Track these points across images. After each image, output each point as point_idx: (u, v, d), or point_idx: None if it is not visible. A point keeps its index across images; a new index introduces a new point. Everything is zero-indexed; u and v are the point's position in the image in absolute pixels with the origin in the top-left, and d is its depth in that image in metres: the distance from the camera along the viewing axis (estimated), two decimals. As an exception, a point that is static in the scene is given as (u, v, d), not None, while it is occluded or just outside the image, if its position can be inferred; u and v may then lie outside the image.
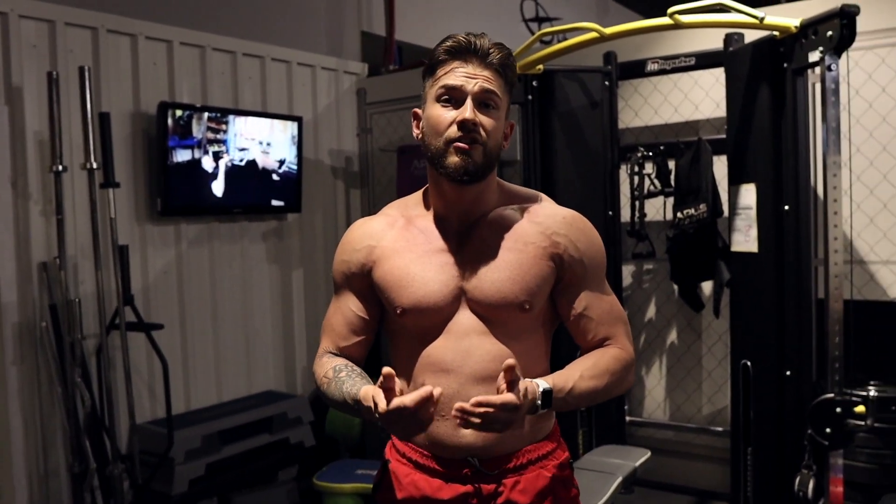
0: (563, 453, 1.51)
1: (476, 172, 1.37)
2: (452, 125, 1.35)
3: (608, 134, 3.34)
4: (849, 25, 2.39)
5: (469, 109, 1.35)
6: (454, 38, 1.38)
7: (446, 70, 1.37)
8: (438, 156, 1.37)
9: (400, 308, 1.43)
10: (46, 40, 3.11)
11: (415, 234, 1.46)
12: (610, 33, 2.92)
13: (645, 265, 3.61)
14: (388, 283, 1.44)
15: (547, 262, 1.43)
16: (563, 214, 1.48)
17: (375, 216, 1.54)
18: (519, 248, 1.42)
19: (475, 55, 1.37)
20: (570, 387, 1.34)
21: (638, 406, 3.67)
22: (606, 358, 1.43)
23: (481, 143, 1.36)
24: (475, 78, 1.36)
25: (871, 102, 2.99)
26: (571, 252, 1.44)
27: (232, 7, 3.87)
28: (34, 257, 3.05)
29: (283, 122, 3.89)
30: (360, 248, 1.49)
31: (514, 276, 1.41)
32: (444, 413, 1.40)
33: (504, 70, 1.39)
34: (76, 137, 3.10)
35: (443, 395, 1.37)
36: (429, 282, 1.42)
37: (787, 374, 2.69)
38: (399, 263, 1.44)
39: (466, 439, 1.40)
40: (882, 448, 2.67)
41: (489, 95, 1.37)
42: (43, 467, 3.08)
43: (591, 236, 1.49)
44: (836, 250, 2.45)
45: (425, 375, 1.42)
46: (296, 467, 3.72)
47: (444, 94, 1.37)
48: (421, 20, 4.94)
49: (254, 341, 3.93)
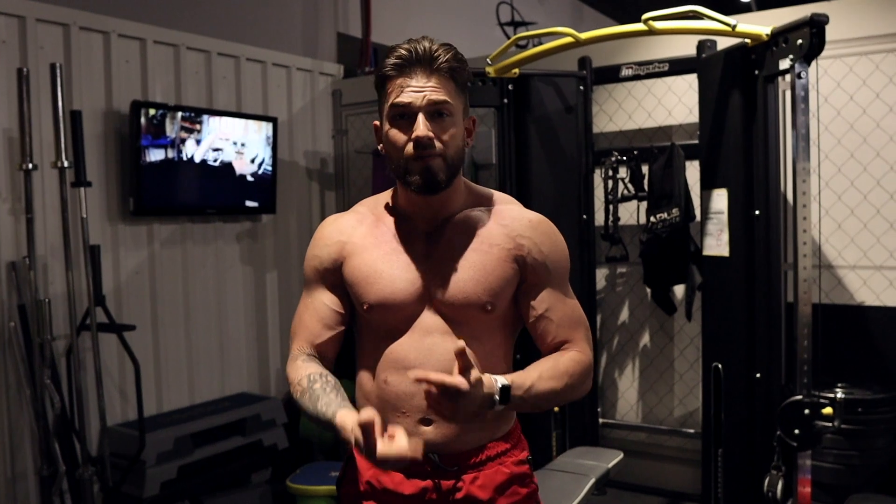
0: (522, 451, 1.54)
1: (440, 183, 1.39)
2: (408, 143, 1.38)
3: (583, 138, 3.37)
4: (818, 34, 2.44)
5: (421, 126, 1.36)
6: (397, 52, 1.39)
7: (394, 87, 1.39)
8: (401, 171, 1.40)
9: (366, 304, 1.45)
10: (17, 36, 3.06)
11: (383, 232, 1.49)
12: (585, 38, 2.95)
13: (618, 268, 3.64)
14: (356, 279, 1.46)
15: (511, 264, 1.45)
16: (529, 217, 1.50)
17: (346, 213, 1.57)
18: (484, 250, 1.44)
19: (419, 65, 1.38)
20: (528, 385, 1.35)
21: (611, 408, 3.70)
22: (566, 360, 1.44)
23: (440, 155, 1.38)
24: (422, 91, 1.37)
25: (840, 110, 3.06)
26: (535, 255, 1.46)
27: (207, 6, 3.84)
28: (3, 257, 3.00)
29: (257, 122, 3.87)
30: (332, 243, 1.51)
31: (478, 277, 1.43)
32: (404, 410, 1.43)
33: (452, 73, 1.39)
34: (47, 135, 3.05)
35: (405, 392, 1.41)
36: (395, 280, 1.44)
37: (756, 376, 2.73)
38: (367, 259, 1.46)
39: (426, 436, 1.42)
40: (849, 449, 2.72)
41: (440, 105, 1.38)
42: (10, 470, 3.03)
43: (555, 240, 1.51)
44: (805, 255, 2.49)
45: (388, 372, 1.44)
46: (269, 470, 3.70)
47: (395, 114, 1.39)
48: (397, 22, 4.95)
49: (227, 343, 3.90)
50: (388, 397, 1.44)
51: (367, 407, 1.27)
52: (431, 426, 1.42)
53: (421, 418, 1.43)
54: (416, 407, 1.42)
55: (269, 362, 4.13)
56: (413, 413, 1.42)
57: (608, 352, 3.70)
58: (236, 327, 3.96)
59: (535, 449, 3.49)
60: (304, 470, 3.48)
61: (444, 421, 1.39)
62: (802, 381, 2.45)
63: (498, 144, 3.39)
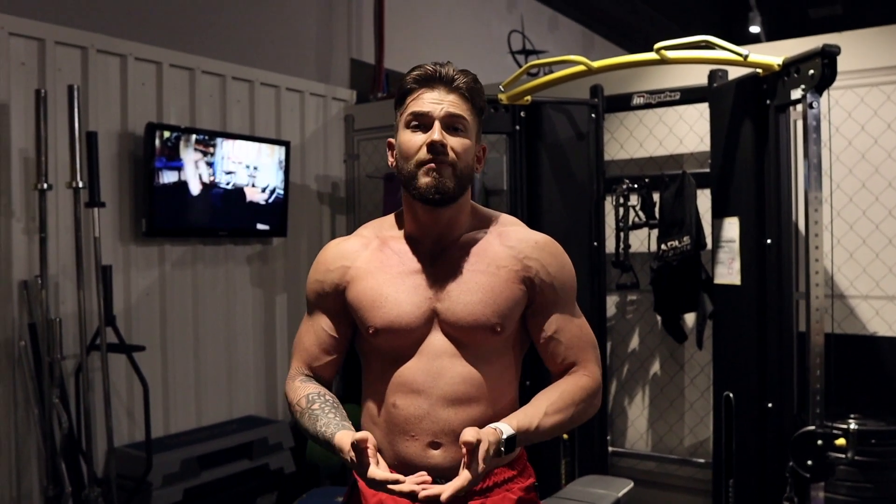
0: (529, 477, 1.53)
1: (447, 192, 1.40)
2: (422, 148, 1.40)
3: (594, 165, 3.38)
4: (830, 65, 2.45)
5: (437, 132, 1.39)
6: (421, 68, 1.43)
7: (414, 97, 1.42)
8: (410, 178, 1.41)
9: (373, 328, 1.45)
10: (35, 58, 3.11)
11: (388, 256, 1.49)
12: (597, 67, 2.97)
13: (629, 296, 3.63)
14: (361, 304, 1.46)
15: (518, 286, 1.46)
16: (536, 239, 1.52)
17: (350, 237, 1.57)
18: (491, 272, 1.45)
19: (441, 82, 1.42)
20: (534, 426, 1.37)
21: (620, 436, 3.67)
22: (571, 388, 1.45)
23: (450, 164, 1.40)
24: (441, 103, 1.41)
25: (851, 140, 3.06)
26: (543, 276, 1.48)
27: (222, 31, 3.89)
28: (15, 275, 3.01)
29: (270, 146, 3.90)
30: (335, 268, 1.51)
31: (487, 299, 1.43)
32: (413, 434, 1.43)
33: (471, 94, 1.43)
34: (62, 156, 3.08)
35: (413, 416, 1.42)
36: (402, 303, 1.44)
37: (768, 406, 2.71)
38: (372, 284, 1.46)
39: (434, 460, 1.42)
40: (863, 481, 2.68)
41: (456, 119, 1.41)
42: (16, 490, 3.02)
43: (562, 261, 1.52)
44: (817, 284, 2.48)
45: (396, 396, 1.45)
46: (275, 494, 3.67)
47: (412, 121, 1.42)
48: (410, 49, 5.00)
49: (235, 365, 3.90)
50: (396, 421, 1.44)
51: (363, 431, 1.29)
52: (440, 450, 1.42)
53: (430, 442, 1.42)
54: (424, 430, 1.42)
55: (277, 386, 4.12)
56: (422, 436, 1.42)
57: (618, 379, 3.67)
58: (245, 350, 3.96)
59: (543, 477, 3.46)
60: (311, 495, 3.44)
61: (452, 446, 1.40)
62: (815, 411, 2.43)
63: (509, 171, 3.40)
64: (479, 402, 1.43)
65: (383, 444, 1.46)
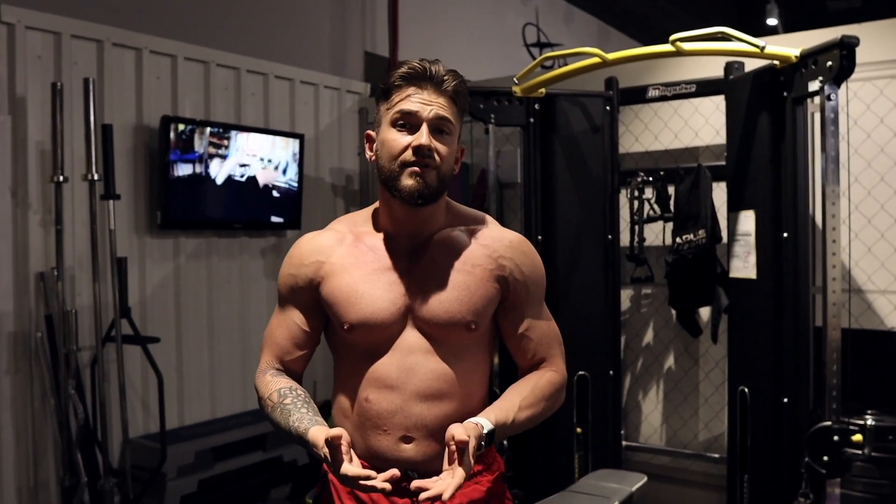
0: (498, 468, 1.56)
1: (430, 196, 1.41)
2: (407, 150, 1.39)
3: (609, 158, 3.36)
4: (848, 56, 2.41)
5: (425, 135, 1.39)
6: (410, 65, 1.42)
7: (402, 96, 1.41)
8: (392, 178, 1.41)
9: (347, 324, 1.45)
10: (52, 52, 3.12)
11: (364, 251, 1.49)
12: (612, 59, 2.95)
13: (643, 290, 3.61)
14: (336, 300, 1.47)
15: (493, 284, 1.49)
16: (510, 238, 1.54)
17: (324, 231, 1.57)
18: (467, 270, 1.47)
19: (430, 82, 1.41)
20: (510, 420, 1.41)
21: (634, 431, 3.65)
22: (542, 383, 1.50)
23: (435, 168, 1.40)
24: (430, 105, 1.40)
25: (870, 133, 3.02)
26: (516, 275, 1.51)
27: (237, 24, 3.90)
28: (32, 267, 3.04)
29: (284, 139, 3.91)
30: (309, 263, 1.52)
31: (462, 297, 1.45)
32: (386, 428, 1.44)
33: (457, 97, 1.44)
34: (78, 149, 3.10)
35: (386, 411, 1.43)
36: (377, 300, 1.45)
37: (784, 401, 2.69)
38: (347, 280, 1.47)
39: (407, 454, 1.44)
40: (879, 478, 2.65)
41: (443, 122, 1.41)
42: (33, 480, 3.05)
43: (534, 260, 1.56)
44: (834, 278, 2.45)
45: (369, 391, 1.46)
46: (289, 486, 3.69)
47: (399, 119, 1.41)
48: (424, 42, 4.98)
49: (249, 357, 3.91)
50: (369, 415, 1.45)
51: (338, 427, 1.30)
52: (412, 444, 1.44)
53: (402, 436, 1.44)
54: (397, 425, 1.44)
55: (290, 378, 4.13)
56: (394, 431, 1.44)
57: (632, 373, 3.66)
58: (259, 342, 3.92)
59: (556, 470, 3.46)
60: (324, 487, 3.46)
61: (424, 440, 1.43)
62: (831, 406, 2.40)
63: (523, 163, 3.38)
64: (451, 398, 1.46)
65: (355, 437, 1.47)
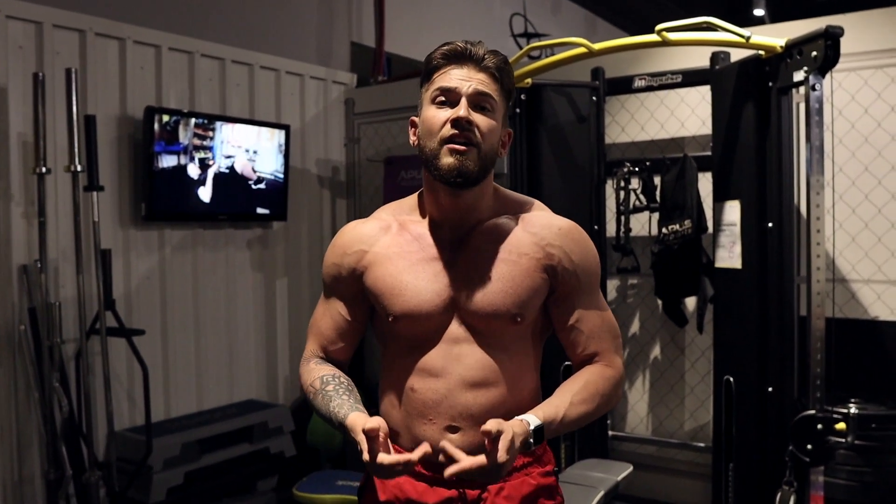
0: (548, 462, 1.51)
1: (469, 175, 1.36)
2: (447, 124, 1.35)
3: (595, 149, 3.36)
4: (833, 46, 2.42)
5: (463, 108, 1.35)
6: (450, 44, 1.39)
7: (442, 73, 1.38)
8: (433, 157, 1.37)
9: (392, 315, 1.43)
10: (33, 41, 3.09)
11: (408, 241, 1.46)
12: (598, 49, 2.94)
13: (629, 280, 3.62)
14: (380, 290, 1.44)
15: (540, 274, 1.43)
16: (560, 225, 1.48)
17: (368, 219, 1.53)
18: (513, 260, 1.42)
19: (471, 59, 1.38)
20: (560, 417, 1.35)
21: (620, 421, 3.67)
22: (596, 378, 1.43)
23: (475, 145, 1.36)
24: (470, 80, 1.37)
25: (854, 123, 3.03)
26: (566, 264, 1.44)
27: (222, 14, 3.86)
28: (14, 259, 3.01)
29: (270, 130, 3.88)
30: (352, 252, 1.48)
31: (507, 289, 1.40)
32: (431, 417, 1.41)
33: (500, 74, 1.39)
34: (61, 140, 3.07)
35: (431, 400, 1.40)
36: (421, 291, 1.41)
37: (769, 390, 2.70)
38: (391, 270, 1.43)
39: (453, 444, 1.38)
40: (862, 465, 2.68)
41: (484, 97, 1.37)
42: (17, 473, 3.03)
43: (585, 248, 1.48)
44: (818, 268, 2.46)
45: (414, 380, 1.43)
46: (276, 477, 3.68)
47: (439, 96, 1.37)
48: (411, 32, 4.96)
49: (236, 349, 3.90)
50: (414, 405, 1.43)
51: (376, 417, 1.28)
52: (458, 434, 1.40)
53: (447, 425, 1.41)
54: (442, 414, 1.41)
55: (277, 369, 4.12)
56: (439, 420, 1.41)
57: (618, 364, 3.67)
58: (245, 334, 3.96)
59: (543, 460, 3.42)
60: (311, 478, 3.46)
61: (470, 430, 1.39)
62: (815, 395, 2.42)
63: (510, 154, 3.38)
64: (496, 388, 1.41)
65: (401, 427, 1.45)
